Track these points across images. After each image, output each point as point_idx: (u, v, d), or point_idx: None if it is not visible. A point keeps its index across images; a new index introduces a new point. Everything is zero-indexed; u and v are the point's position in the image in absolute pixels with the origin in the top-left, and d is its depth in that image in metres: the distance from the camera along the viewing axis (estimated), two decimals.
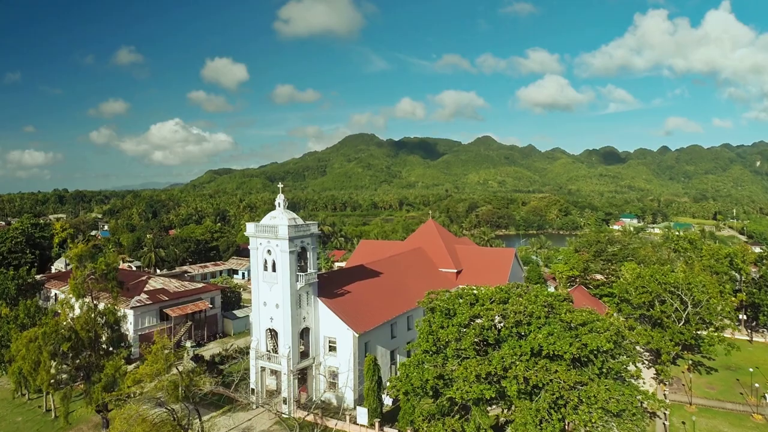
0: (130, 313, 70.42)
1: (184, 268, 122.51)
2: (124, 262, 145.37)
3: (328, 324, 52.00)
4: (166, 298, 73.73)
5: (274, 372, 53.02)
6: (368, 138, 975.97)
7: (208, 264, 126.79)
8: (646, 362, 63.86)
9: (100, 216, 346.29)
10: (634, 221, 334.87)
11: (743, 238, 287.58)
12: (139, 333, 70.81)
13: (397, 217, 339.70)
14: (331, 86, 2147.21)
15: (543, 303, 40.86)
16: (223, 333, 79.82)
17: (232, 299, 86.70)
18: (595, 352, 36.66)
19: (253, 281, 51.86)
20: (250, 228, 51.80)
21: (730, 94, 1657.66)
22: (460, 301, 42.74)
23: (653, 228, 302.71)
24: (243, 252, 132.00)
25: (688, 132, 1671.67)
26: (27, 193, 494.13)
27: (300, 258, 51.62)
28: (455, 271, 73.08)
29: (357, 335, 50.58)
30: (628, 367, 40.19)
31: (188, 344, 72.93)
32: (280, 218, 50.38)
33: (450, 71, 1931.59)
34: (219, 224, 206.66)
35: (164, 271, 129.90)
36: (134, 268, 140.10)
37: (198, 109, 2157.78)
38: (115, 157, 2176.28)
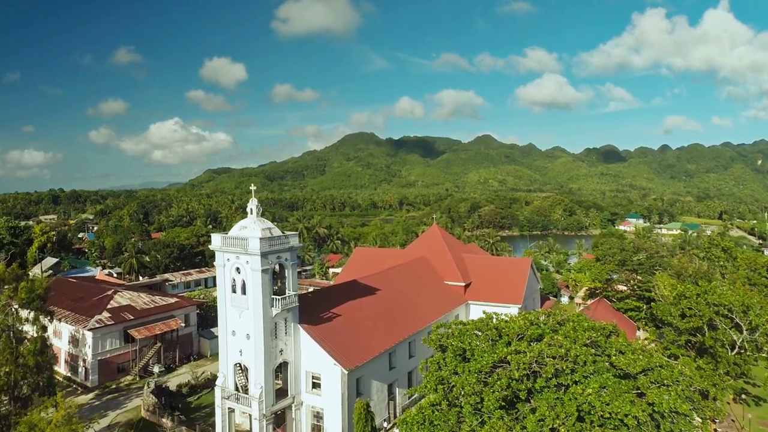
0: (88, 335, 61.12)
1: (166, 275, 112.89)
2: (104, 269, 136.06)
3: (312, 357, 42.53)
4: (132, 317, 64.20)
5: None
6: (368, 137, 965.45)
7: (191, 271, 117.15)
8: None
9: (91, 217, 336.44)
10: (641, 221, 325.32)
11: (753, 239, 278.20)
12: (99, 358, 61.34)
13: (397, 218, 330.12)
14: (330, 85, 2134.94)
15: (586, 340, 31.47)
16: (198, 354, 70.33)
17: (211, 315, 77.08)
18: (663, 413, 27.38)
19: (220, 306, 42.40)
20: (215, 240, 42.33)
21: (729, 93, 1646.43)
22: (479, 335, 33.32)
23: (660, 228, 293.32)
24: None
25: (687, 130, 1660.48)
26: (22, 193, 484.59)
27: (276, 277, 42.15)
28: (463, 284, 63.61)
29: (346, 372, 41.08)
30: (693, 421, 30.88)
31: (156, 369, 63.34)
32: (252, 228, 40.90)
33: (449, 70, 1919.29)
34: (210, 226, 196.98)
35: (145, 279, 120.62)
36: (115, 275, 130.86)
37: (197, 109, 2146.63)
38: (115, 156, 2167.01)
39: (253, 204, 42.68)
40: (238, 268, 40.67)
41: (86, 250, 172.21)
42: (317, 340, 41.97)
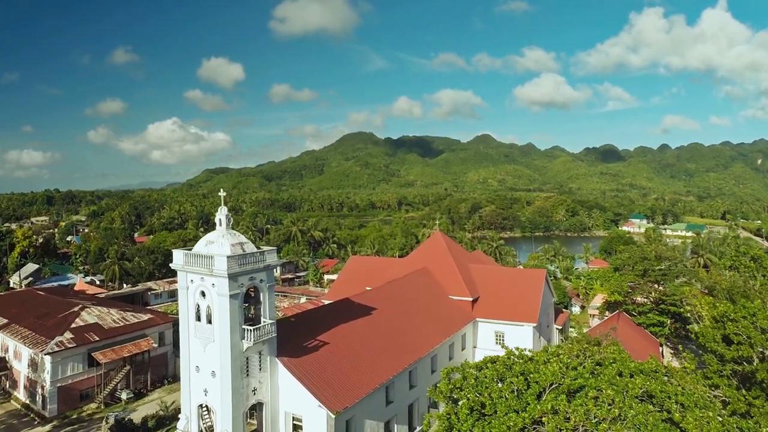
0: (46, 360, 53.93)
1: (149, 284, 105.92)
2: (86, 276, 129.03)
3: (292, 397, 35.46)
4: (97, 338, 57.00)
5: None
6: (366, 137, 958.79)
7: (177, 279, 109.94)
8: None
9: (83, 219, 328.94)
10: (644, 222, 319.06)
11: (760, 240, 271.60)
12: (59, 385, 54.19)
13: (395, 218, 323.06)
14: (328, 85, 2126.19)
15: (638, 390, 24.52)
16: (174, 377, 63.09)
17: None
18: None
19: (182, 336, 35.41)
20: (177, 257, 35.33)
21: (727, 92, 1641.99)
22: (501, 382, 26.28)
23: (665, 229, 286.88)
24: None
25: (686, 130, 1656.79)
26: (17, 194, 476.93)
27: (250, 302, 35.11)
28: (471, 299, 56.56)
29: (333, 416, 34.02)
30: None
31: (124, 396, 56.47)
32: (219, 244, 33.83)
33: (447, 70, 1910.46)
34: (201, 229, 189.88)
35: (128, 287, 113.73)
36: (98, 283, 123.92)
37: (195, 109, 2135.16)
38: (114, 156, 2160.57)
39: (222, 213, 35.54)
40: (203, 292, 33.66)
41: (71, 255, 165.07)
42: (299, 376, 34.91)
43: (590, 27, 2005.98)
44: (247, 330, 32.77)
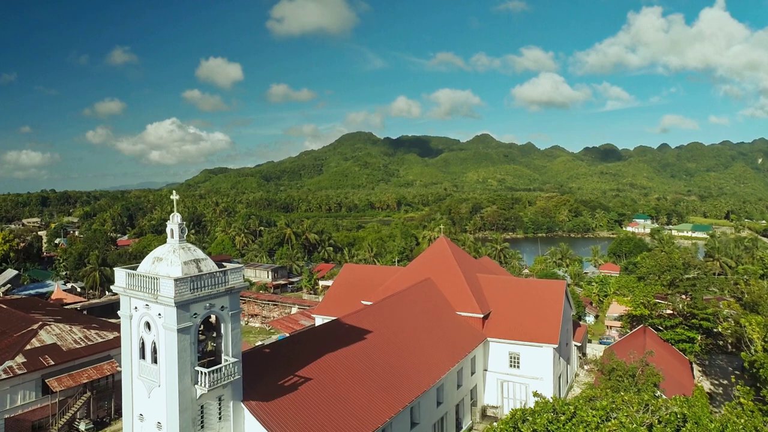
0: None
1: None
2: (67, 282, 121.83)
3: None
4: (52, 363, 49.71)
5: None
6: (365, 136, 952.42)
7: None
8: None
9: (75, 220, 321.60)
10: (648, 222, 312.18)
11: (767, 240, 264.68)
12: (7, 416, 47.03)
13: (395, 219, 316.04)
14: (327, 85, 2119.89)
15: None
16: None
17: None
18: None
19: (124, 376, 28.14)
20: (119, 278, 28.09)
21: (725, 92, 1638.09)
22: None
23: (671, 230, 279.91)
24: None
25: (685, 129, 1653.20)
26: (12, 195, 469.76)
27: (208, 336, 27.87)
28: (481, 316, 49.36)
29: None
30: None
31: (83, 426, 49.36)
32: (168, 261, 26.60)
33: (445, 69, 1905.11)
34: (193, 231, 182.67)
35: (108, 295, 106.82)
36: (78, 290, 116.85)
37: (194, 109, 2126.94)
38: (112, 157, 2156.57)
39: (174, 222, 28.27)
40: (148, 323, 26.41)
41: (55, 259, 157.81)
42: (270, 425, 27.65)
43: (588, 26, 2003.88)
44: (201, 373, 25.45)
